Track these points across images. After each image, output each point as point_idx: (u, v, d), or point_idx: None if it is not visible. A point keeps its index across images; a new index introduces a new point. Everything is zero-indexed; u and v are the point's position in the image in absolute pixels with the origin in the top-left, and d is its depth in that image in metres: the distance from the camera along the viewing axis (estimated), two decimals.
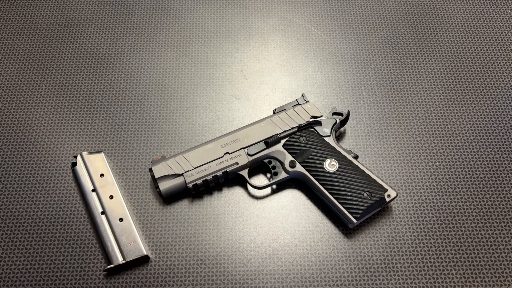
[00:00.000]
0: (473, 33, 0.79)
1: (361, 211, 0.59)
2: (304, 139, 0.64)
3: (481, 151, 0.68)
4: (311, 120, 0.65)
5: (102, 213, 0.61)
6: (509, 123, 0.71)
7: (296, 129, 0.65)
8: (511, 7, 0.82)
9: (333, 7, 0.81)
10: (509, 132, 0.70)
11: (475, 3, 0.82)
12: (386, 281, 0.59)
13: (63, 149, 0.68)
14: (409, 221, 0.63)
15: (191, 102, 0.72)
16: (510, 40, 0.78)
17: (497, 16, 0.81)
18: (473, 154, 0.68)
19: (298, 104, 0.67)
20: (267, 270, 0.60)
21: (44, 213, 0.63)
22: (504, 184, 0.66)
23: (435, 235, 0.62)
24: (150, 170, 0.63)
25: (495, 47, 0.78)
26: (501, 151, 0.68)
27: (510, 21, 0.80)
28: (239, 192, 0.65)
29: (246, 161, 0.63)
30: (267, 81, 0.74)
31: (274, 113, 0.67)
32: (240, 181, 0.66)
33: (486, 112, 0.72)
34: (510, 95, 0.73)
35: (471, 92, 0.73)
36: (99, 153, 0.66)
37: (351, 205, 0.59)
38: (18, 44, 0.77)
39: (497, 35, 0.79)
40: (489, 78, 0.75)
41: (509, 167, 0.67)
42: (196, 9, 0.81)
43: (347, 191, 0.60)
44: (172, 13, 0.80)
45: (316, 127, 0.65)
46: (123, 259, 0.59)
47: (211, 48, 0.77)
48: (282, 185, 0.66)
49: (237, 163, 0.63)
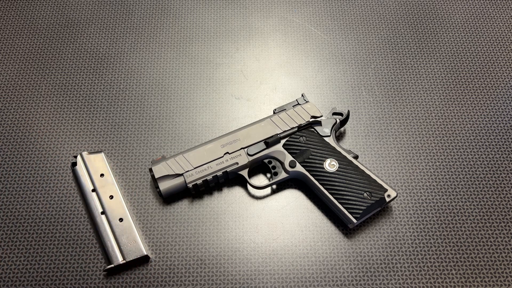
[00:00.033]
0: (473, 33, 0.79)
1: (361, 211, 0.59)
2: (304, 139, 0.64)
3: (481, 151, 0.68)
4: (311, 120, 0.65)
5: (102, 213, 0.61)
6: (509, 123, 0.71)
7: (296, 129, 0.65)
8: (511, 7, 0.82)
9: (333, 7, 0.81)
10: (509, 132, 0.70)
11: (475, 3, 0.82)
12: (386, 281, 0.59)
13: (63, 149, 0.68)
14: (409, 221, 0.63)
15: (191, 102, 0.72)
16: (510, 40, 0.78)
17: (497, 16, 0.81)
18: (473, 154, 0.68)
19: (298, 104, 0.67)
20: (267, 270, 0.60)
21: (44, 213, 0.63)
22: (504, 184, 0.66)
23: (435, 235, 0.62)
24: (150, 170, 0.63)
25: (495, 47, 0.78)
26: (501, 151, 0.68)
27: (510, 21, 0.80)
28: (239, 192, 0.65)
29: (246, 161, 0.63)
30: (267, 81, 0.74)
31: (274, 113, 0.67)
32: (240, 181, 0.66)
33: (486, 112, 0.72)
34: (510, 95, 0.73)
35: (471, 92, 0.73)
36: (99, 153, 0.66)
37: (351, 205, 0.59)
38: (18, 44, 0.77)
39: (497, 35, 0.79)
40: (489, 78, 0.75)
41: (509, 167, 0.67)
42: (196, 9, 0.81)
43: (347, 191, 0.60)
44: (172, 13, 0.80)
45: (316, 127, 0.65)
46: (123, 259, 0.59)
47: (211, 48, 0.77)
48: (282, 185, 0.66)
49: (237, 163, 0.63)
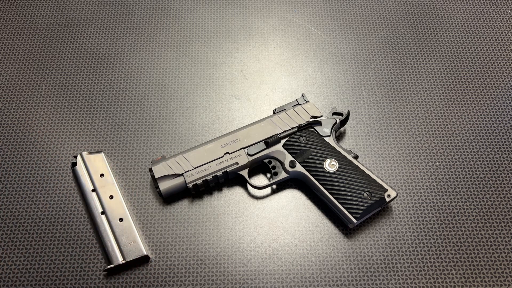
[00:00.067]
0: (473, 33, 0.79)
1: (361, 211, 0.59)
2: (304, 139, 0.64)
3: (481, 151, 0.68)
4: (311, 120, 0.65)
5: (102, 213, 0.61)
6: (509, 123, 0.71)
7: (296, 129, 0.65)
8: (511, 7, 0.82)
9: (333, 7, 0.81)
10: (509, 132, 0.70)
11: (475, 3, 0.82)
12: (386, 281, 0.59)
13: (63, 149, 0.68)
14: (409, 221, 0.63)
15: (191, 102, 0.72)
16: (510, 40, 0.78)
17: (497, 16, 0.81)
18: (473, 154, 0.68)
19: (298, 104, 0.67)
20: (267, 270, 0.60)
21: (44, 213, 0.63)
22: (504, 184, 0.66)
23: (435, 235, 0.62)
24: (150, 170, 0.63)
25: (495, 47, 0.78)
26: (501, 151, 0.68)
27: (510, 21, 0.80)
28: (239, 192, 0.65)
29: (246, 161, 0.63)
30: (267, 81, 0.74)
31: (274, 113, 0.67)
32: (240, 181, 0.66)
33: (486, 112, 0.72)
34: (510, 95, 0.73)
35: (471, 92, 0.73)
36: (99, 153, 0.66)
37: (351, 205, 0.59)
38: (18, 44, 0.77)
39: (497, 35, 0.79)
40: (489, 78, 0.75)
41: (509, 167, 0.67)
42: (196, 9, 0.81)
43: (347, 191, 0.60)
44: (172, 13, 0.80)
45: (316, 127, 0.65)
46: (123, 259, 0.59)
47: (211, 48, 0.77)
48: (282, 185, 0.66)
49: (237, 163, 0.63)
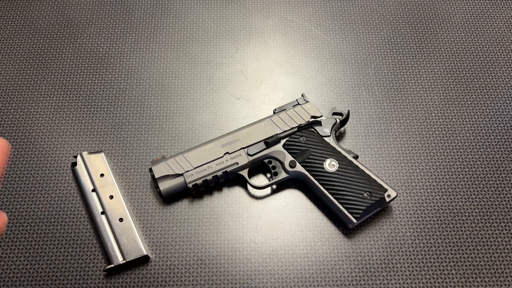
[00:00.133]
0: (473, 33, 0.79)
1: (361, 211, 0.59)
2: (304, 139, 0.64)
3: (481, 151, 0.68)
4: (311, 120, 0.65)
5: (102, 213, 0.61)
6: (509, 123, 0.71)
7: (296, 129, 0.65)
8: (511, 7, 0.82)
9: (333, 7, 0.81)
10: (509, 132, 0.70)
11: (475, 3, 0.82)
12: (386, 281, 0.59)
13: (63, 149, 0.68)
14: (409, 221, 0.63)
15: (191, 102, 0.72)
16: (510, 40, 0.78)
17: (497, 16, 0.81)
18: (473, 154, 0.68)
19: (298, 104, 0.67)
20: (267, 270, 0.60)
21: (44, 213, 0.63)
22: (504, 184, 0.66)
23: (435, 235, 0.62)
24: (150, 170, 0.63)
25: (495, 47, 0.78)
26: (501, 151, 0.68)
27: (510, 21, 0.80)
28: (239, 192, 0.65)
29: (246, 161, 0.63)
30: (267, 81, 0.74)
31: (274, 113, 0.67)
32: (240, 181, 0.66)
33: (486, 112, 0.72)
34: (510, 95, 0.73)
35: (471, 92, 0.73)
36: (99, 153, 0.66)
37: (351, 205, 0.59)
38: (18, 44, 0.77)
39: (497, 35, 0.79)
40: (489, 78, 0.75)
41: (509, 167, 0.67)
42: (196, 9, 0.81)
43: (347, 191, 0.60)
44: (172, 13, 0.80)
45: (316, 127, 0.65)
46: (123, 259, 0.59)
47: (211, 48, 0.77)
48: (282, 185, 0.66)
49: (237, 163, 0.63)
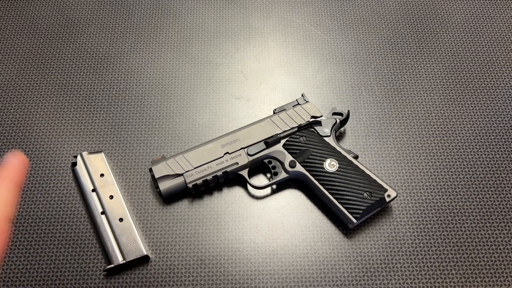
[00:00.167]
0: (473, 33, 0.79)
1: (361, 211, 0.59)
2: (304, 139, 0.64)
3: (481, 151, 0.68)
4: (311, 120, 0.65)
5: (102, 213, 0.61)
6: (509, 123, 0.71)
7: (296, 129, 0.65)
8: (511, 7, 0.82)
9: (333, 7, 0.81)
10: (509, 132, 0.70)
11: (475, 3, 0.82)
12: (386, 281, 0.59)
13: (63, 149, 0.68)
14: (409, 221, 0.63)
15: (191, 102, 0.72)
16: (510, 40, 0.78)
17: (497, 16, 0.81)
18: (473, 154, 0.68)
19: (298, 104, 0.67)
20: (267, 270, 0.60)
21: (44, 213, 0.63)
22: (504, 184, 0.66)
23: (435, 235, 0.62)
24: (150, 170, 0.63)
25: (495, 47, 0.78)
26: (501, 151, 0.68)
27: (510, 21, 0.80)
28: (239, 192, 0.65)
29: (246, 161, 0.63)
30: (267, 81, 0.74)
31: (274, 113, 0.67)
32: (240, 181, 0.66)
33: (486, 112, 0.72)
34: (510, 95, 0.73)
35: (471, 92, 0.73)
36: (99, 153, 0.66)
37: (351, 205, 0.59)
38: (18, 44, 0.77)
39: (497, 35, 0.79)
40: (489, 78, 0.75)
41: (509, 167, 0.67)
42: (196, 9, 0.81)
43: (347, 191, 0.60)
44: (172, 13, 0.80)
45: (316, 127, 0.65)
46: (123, 259, 0.59)
47: (211, 48, 0.77)
48: (282, 185, 0.66)
49: (237, 163, 0.63)
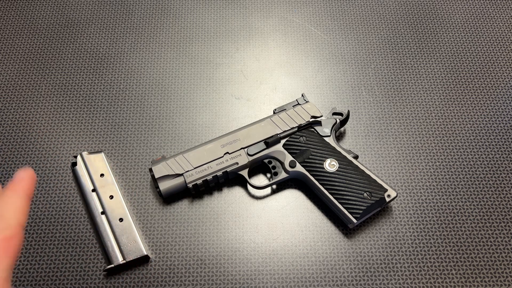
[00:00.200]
0: (473, 33, 0.79)
1: (361, 211, 0.59)
2: (304, 139, 0.64)
3: (481, 151, 0.68)
4: (311, 120, 0.65)
5: (102, 213, 0.61)
6: (509, 123, 0.71)
7: (296, 129, 0.65)
8: (511, 7, 0.82)
9: (333, 7, 0.81)
10: (509, 132, 0.70)
11: (475, 3, 0.82)
12: (386, 281, 0.59)
13: (63, 149, 0.68)
14: (409, 221, 0.63)
15: (191, 102, 0.72)
16: (510, 40, 0.78)
17: (497, 16, 0.81)
18: (473, 154, 0.68)
19: (298, 104, 0.67)
20: (267, 270, 0.60)
21: (44, 213, 0.63)
22: (504, 184, 0.66)
23: (435, 235, 0.62)
24: (150, 170, 0.63)
25: (495, 47, 0.78)
26: (501, 151, 0.68)
27: (510, 21, 0.80)
28: (239, 192, 0.65)
29: (246, 161, 0.63)
30: (267, 81, 0.74)
31: (274, 113, 0.67)
32: (240, 181, 0.66)
33: (486, 112, 0.72)
34: (510, 95, 0.73)
35: (471, 92, 0.73)
36: (99, 153, 0.66)
37: (351, 205, 0.59)
38: (18, 44, 0.77)
39: (497, 35, 0.79)
40: (489, 78, 0.75)
41: (509, 167, 0.67)
42: (196, 9, 0.81)
43: (347, 191, 0.60)
44: (172, 13, 0.80)
45: (316, 127, 0.65)
46: (123, 259, 0.59)
47: (211, 48, 0.77)
48: (282, 185, 0.66)
49: (237, 163, 0.63)
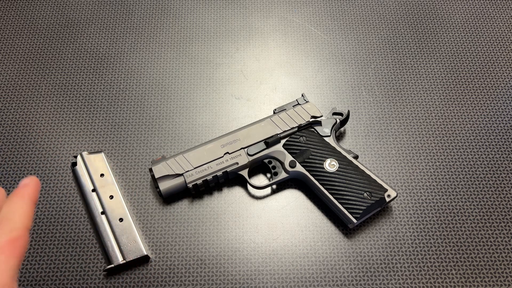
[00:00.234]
0: (473, 33, 0.79)
1: (361, 211, 0.59)
2: (304, 139, 0.64)
3: (481, 151, 0.68)
4: (311, 120, 0.65)
5: (102, 213, 0.61)
6: (509, 123, 0.71)
7: (296, 129, 0.65)
8: (511, 7, 0.82)
9: (333, 7, 0.81)
10: (509, 132, 0.70)
11: (475, 3, 0.82)
12: (386, 281, 0.59)
13: (63, 149, 0.68)
14: (409, 221, 0.63)
15: (191, 102, 0.72)
16: (510, 40, 0.78)
17: (497, 16, 0.81)
18: (473, 154, 0.68)
19: (298, 104, 0.67)
20: (267, 270, 0.60)
21: (44, 213, 0.63)
22: (504, 184, 0.66)
23: (435, 235, 0.62)
24: (150, 170, 0.63)
25: (495, 47, 0.78)
26: (501, 151, 0.68)
27: (510, 21, 0.80)
28: (239, 192, 0.65)
29: (246, 161, 0.63)
30: (267, 81, 0.74)
31: (274, 113, 0.67)
32: (240, 181, 0.66)
33: (486, 112, 0.72)
34: (510, 95, 0.73)
35: (471, 92, 0.73)
36: (99, 153, 0.66)
37: (351, 205, 0.59)
38: (18, 44, 0.77)
39: (497, 35, 0.79)
40: (489, 78, 0.75)
41: (509, 167, 0.67)
42: (196, 9, 0.81)
43: (347, 191, 0.60)
44: (172, 13, 0.80)
45: (316, 127, 0.65)
46: (123, 259, 0.59)
47: (211, 48, 0.77)
48: (282, 185, 0.66)
49: (237, 163, 0.63)
